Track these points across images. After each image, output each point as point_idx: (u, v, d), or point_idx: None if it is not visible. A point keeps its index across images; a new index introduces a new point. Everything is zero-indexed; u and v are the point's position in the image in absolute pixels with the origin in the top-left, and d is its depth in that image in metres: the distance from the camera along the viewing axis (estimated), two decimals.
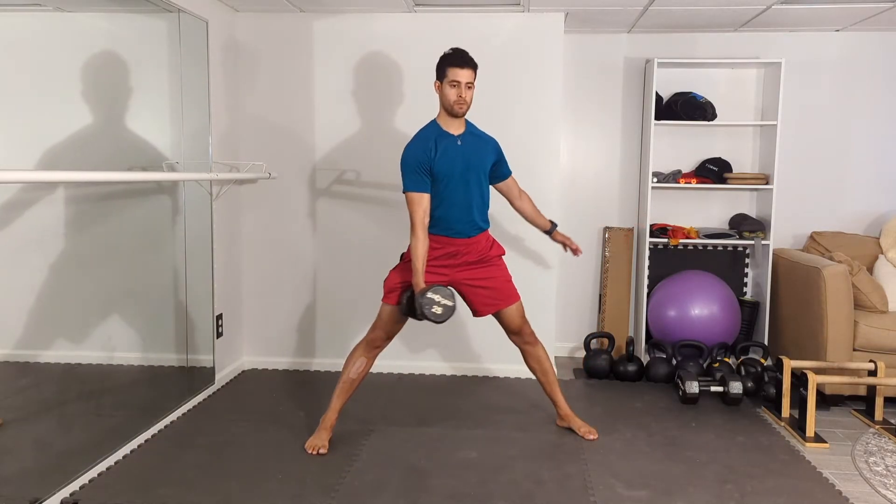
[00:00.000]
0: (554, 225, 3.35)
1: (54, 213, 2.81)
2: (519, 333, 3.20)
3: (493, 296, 3.11)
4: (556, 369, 4.17)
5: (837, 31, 4.34)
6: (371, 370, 4.16)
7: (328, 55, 4.07)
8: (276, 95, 4.11)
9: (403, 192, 2.95)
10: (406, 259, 3.09)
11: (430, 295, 2.77)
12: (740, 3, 3.73)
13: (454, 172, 2.96)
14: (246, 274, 4.24)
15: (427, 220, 2.92)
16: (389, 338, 3.11)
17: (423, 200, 2.90)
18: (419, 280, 2.86)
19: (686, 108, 4.26)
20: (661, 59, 4.22)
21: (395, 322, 3.05)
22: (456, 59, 2.92)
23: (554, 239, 3.37)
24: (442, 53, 2.98)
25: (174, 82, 3.44)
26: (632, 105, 4.50)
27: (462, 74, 2.90)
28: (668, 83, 4.40)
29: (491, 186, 3.21)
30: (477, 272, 3.09)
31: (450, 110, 2.95)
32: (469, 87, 2.93)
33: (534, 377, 3.37)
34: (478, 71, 2.97)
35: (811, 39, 4.37)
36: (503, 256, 3.19)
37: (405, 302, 2.93)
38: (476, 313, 3.17)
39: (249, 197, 4.19)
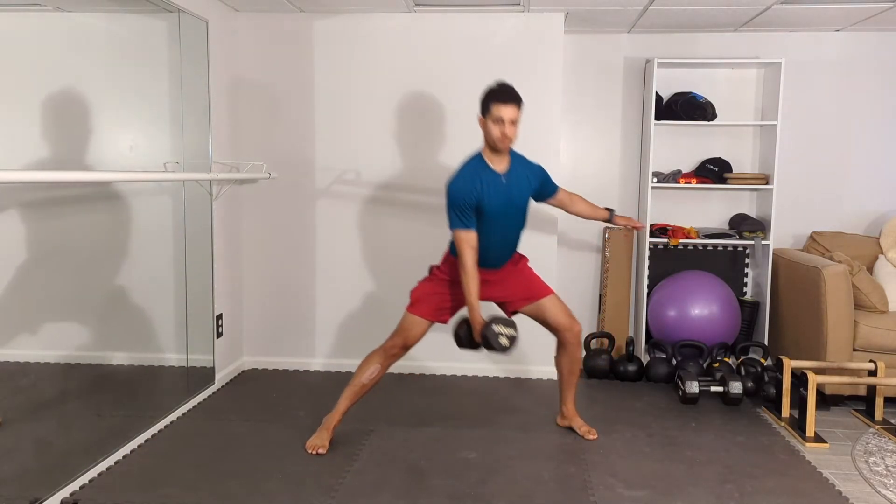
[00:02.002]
0: (612, 212, 3.40)
1: (54, 213, 2.81)
2: (570, 328, 3.15)
3: (524, 289, 3.15)
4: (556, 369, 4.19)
5: (837, 31, 4.34)
6: None
7: (328, 55, 4.07)
8: (277, 95, 4.11)
9: (451, 229, 2.94)
10: (434, 272, 3.14)
11: (494, 328, 2.88)
12: (740, 3, 3.73)
13: (497, 211, 2.96)
14: (246, 274, 4.24)
15: (476, 255, 2.93)
16: (407, 347, 3.11)
17: (470, 238, 2.91)
18: (476, 316, 2.92)
19: (686, 108, 4.26)
20: (661, 59, 4.22)
21: (415, 332, 3.07)
22: (500, 94, 2.86)
23: (617, 224, 3.43)
24: (487, 87, 2.93)
25: (174, 82, 3.44)
26: (632, 105, 4.50)
27: (506, 111, 2.84)
28: (668, 83, 4.40)
29: (545, 203, 3.29)
30: (503, 285, 3.13)
31: (493, 146, 2.93)
32: (514, 124, 2.88)
33: (533, 377, 3.38)
34: (475, 73, 2.97)
35: (811, 39, 4.37)
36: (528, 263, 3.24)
37: (462, 335, 3.04)
38: (510, 310, 3.18)
39: (249, 197, 4.19)
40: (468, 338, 3.02)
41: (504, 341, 2.89)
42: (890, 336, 3.58)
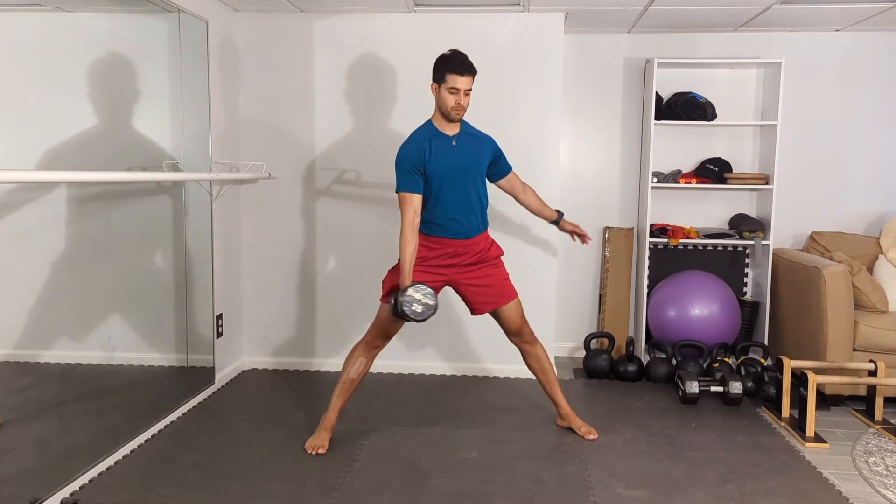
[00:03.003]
0: (560, 214, 3.33)
1: (55, 213, 2.81)
2: (518, 334, 3.20)
3: (491, 293, 3.11)
4: (556, 369, 4.19)
5: (837, 31, 4.34)
6: (371, 370, 4.17)
7: (328, 55, 4.07)
8: (276, 95, 4.11)
9: (396, 192, 2.96)
10: None
11: (410, 293, 2.78)
12: (740, 3, 3.73)
13: (449, 173, 2.95)
14: (246, 274, 4.24)
15: (417, 220, 2.92)
16: (388, 338, 3.11)
17: (413, 201, 2.91)
18: (405, 280, 2.87)
19: (686, 108, 4.26)
20: (661, 59, 4.22)
21: (393, 322, 3.03)
22: (456, 65, 2.87)
23: (562, 229, 3.34)
24: (440, 55, 2.95)
25: (174, 82, 3.44)
26: (632, 105, 4.50)
27: (462, 82, 2.87)
28: (668, 83, 4.40)
29: (495, 185, 3.22)
30: (475, 272, 3.09)
31: (446, 115, 2.95)
32: (467, 94, 2.91)
33: (534, 377, 3.37)
34: (477, 74, 2.96)
35: (811, 39, 4.37)
36: (501, 257, 3.19)
37: (392, 302, 2.88)
38: (474, 311, 3.17)
39: (249, 197, 4.19)
40: (395, 304, 2.85)
41: (417, 308, 2.76)
42: (890, 336, 3.58)
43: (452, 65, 2.88)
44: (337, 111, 4.10)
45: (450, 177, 2.96)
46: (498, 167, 3.18)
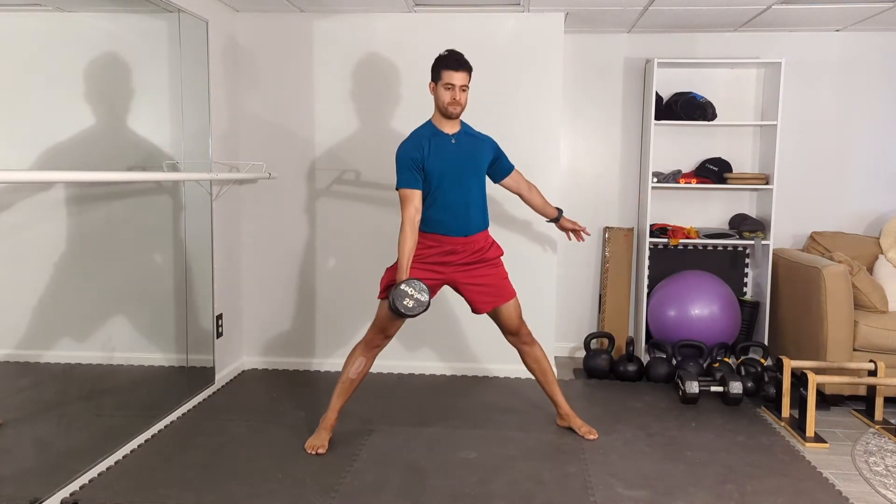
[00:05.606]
0: (560, 212, 3.38)
1: (54, 213, 2.81)
2: (517, 333, 3.20)
3: (489, 292, 3.12)
4: (556, 369, 4.19)
5: (837, 31, 4.34)
6: (371, 370, 4.17)
7: (328, 55, 4.07)
8: (276, 95, 4.11)
9: (396, 189, 2.99)
10: None
11: (403, 287, 2.79)
12: (740, 3, 3.73)
13: (448, 171, 2.98)
14: (246, 274, 4.24)
15: (418, 217, 2.95)
16: (388, 337, 3.11)
17: (413, 197, 2.94)
18: (401, 275, 2.88)
19: (686, 108, 4.26)
20: (661, 59, 4.22)
21: (392, 320, 3.03)
22: (451, 61, 2.94)
23: (561, 227, 3.39)
24: (437, 55, 3.01)
25: (174, 82, 3.44)
26: (632, 105, 4.50)
27: (457, 77, 2.93)
28: (668, 83, 4.40)
29: (500, 185, 3.26)
30: (474, 271, 3.09)
31: (444, 112, 2.99)
32: (463, 90, 2.97)
33: (532, 377, 3.37)
34: (473, 72, 3.00)
35: (811, 39, 4.37)
36: (501, 257, 3.20)
37: (389, 298, 2.89)
38: (475, 310, 3.17)
39: (249, 197, 4.19)
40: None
41: (409, 303, 2.76)
42: (890, 336, 3.58)
43: (447, 62, 2.95)
44: (337, 111, 4.10)
45: (449, 175, 2.99)
46: (499, 167, 3.21)
